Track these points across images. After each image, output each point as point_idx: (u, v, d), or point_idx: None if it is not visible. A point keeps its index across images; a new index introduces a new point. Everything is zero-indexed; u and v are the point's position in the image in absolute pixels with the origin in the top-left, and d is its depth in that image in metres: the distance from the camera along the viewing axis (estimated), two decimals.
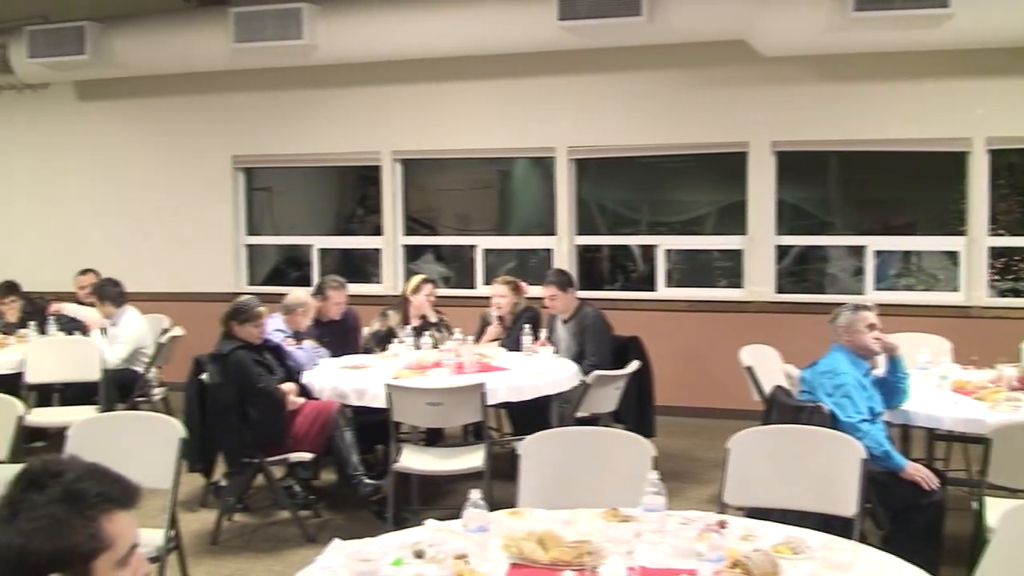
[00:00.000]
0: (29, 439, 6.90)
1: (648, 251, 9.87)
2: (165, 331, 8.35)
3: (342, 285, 7.78)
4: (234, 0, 10.00)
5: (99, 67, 10.33)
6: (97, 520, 1.86)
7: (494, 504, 3.22)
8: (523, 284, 7.83)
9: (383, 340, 7.54)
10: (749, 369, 6.25)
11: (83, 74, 10.68)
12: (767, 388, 5.83)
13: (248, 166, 10.85)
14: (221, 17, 9.63)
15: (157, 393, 8.14)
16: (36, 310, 8.64)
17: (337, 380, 6.45)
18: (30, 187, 11.48)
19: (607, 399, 6.51)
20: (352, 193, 11.79)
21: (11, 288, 8.78)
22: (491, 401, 6.00)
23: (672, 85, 9.30)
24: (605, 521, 3.39)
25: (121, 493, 1.92)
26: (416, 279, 7.92)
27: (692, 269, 9.81)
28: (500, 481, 5.57)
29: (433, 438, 7.20)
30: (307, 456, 6.27)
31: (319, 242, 10.77)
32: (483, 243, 10.25)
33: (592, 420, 6.38)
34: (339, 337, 7.63)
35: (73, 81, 11.05)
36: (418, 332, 7.40)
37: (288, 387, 6.33)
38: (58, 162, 11.33)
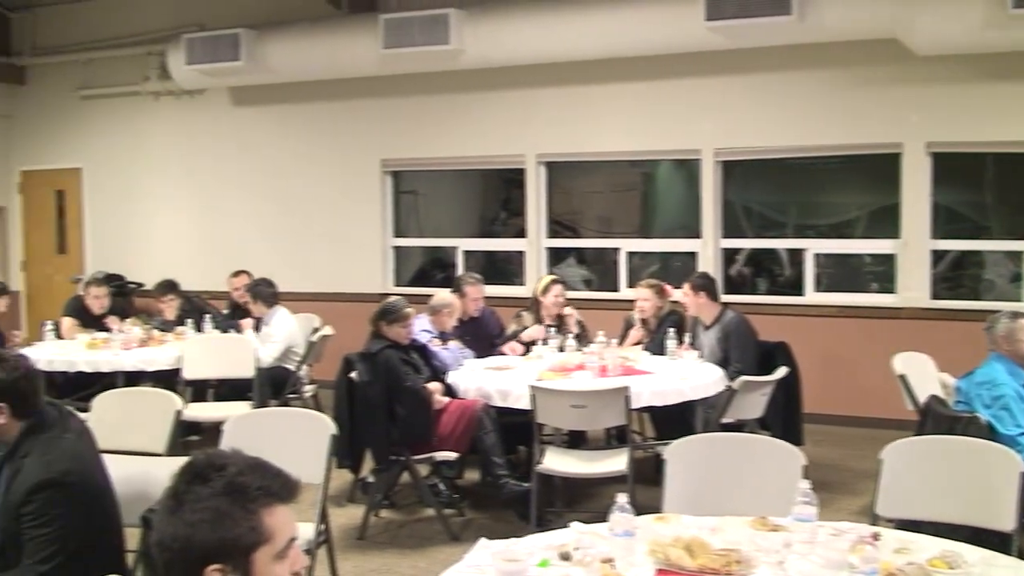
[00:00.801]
0: (185, 433, 7.13)
1: (796, 255, 9.66)
2: (316, 330, 8.56)
3: (479, 281, 7.85)
4: (383, 6, 10.21)
5: (253, 73, 10.65)
6: (258, 513, 1.91)
7: (637, 509, 3.20)
8: (668, 287, 7.75)
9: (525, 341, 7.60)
10: (902, 378, 6.06)
11: (237, 80, 11.03)
12: (921, 397, 5.64)
13: (396, 169, 11.03)
14: (371, 23, 9.83)
15: (308, 390, 8.36)
16: (193, 308, 8.95)
17: (481, 381, 6.50)
18: (187, 190, 11.92)
19: (754, 405, 6.39)
20: (495, 196, 11.87)
21: (170, 287, 9.11)
22: (634, 405, 5.96)
23: (822, 85, 9.08)
24: (754, 530, 3.33)
25: (281, 487, 1.97)
26: (545, 280, 7.94)
27: (842, 274, 9.56)
28: (642, 486, 5.54)
29: (575, 440, 7.18)
30: (452, 455, 6.34)
31: (464, 244, 10.88)
32: (626, 246, 10.20)
33: (737, 426, 6.27)
34: (480, 336, 7.70)
35: (228, 87, 11.42)
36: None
37: (434, 386, 6.41)
38: (213, 165, 11.72)
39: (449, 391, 6.51)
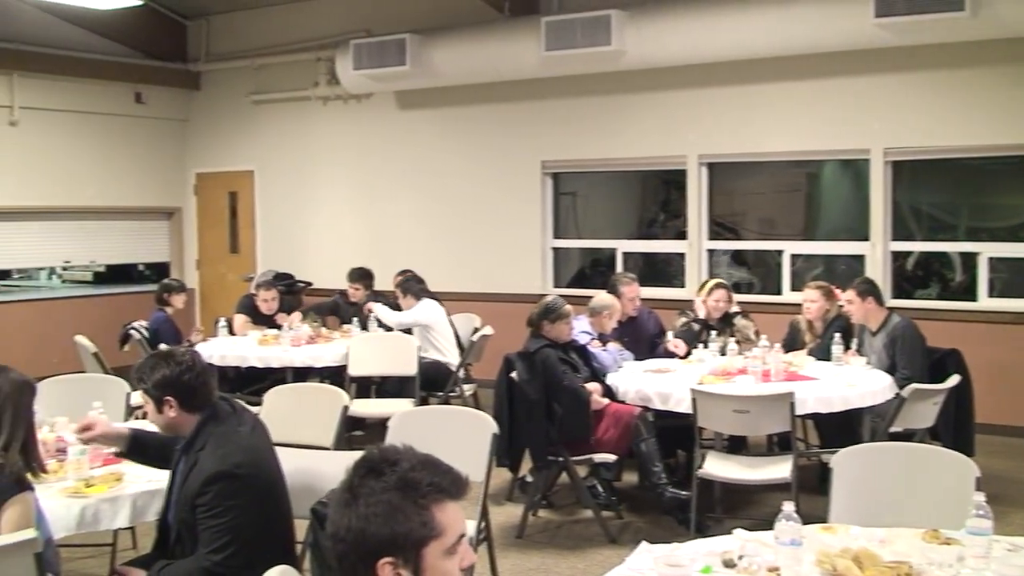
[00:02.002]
0: (349, 428, 7.31)
1: (968, 259, 9.29)
2: (476, 330, 8.67)
3: (633, 280, 7.81)
4: (545, 9, 10.26)
5: (418, 77, 10.84)
6: (429, 509, 1.95)
7: (801, 518, 3.13)
8: (836, 290, 7.53)
9: (692, 337, 7.51)
10: None
11: (403, 84, 11.25)
12: None
13: (556, 171, 11.06)
14: (532, 26, 9.89)
15: (468, 388, 8.46)
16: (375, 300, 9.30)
17: (641, 383, 6.46)
18: (353, 191, 12.22)
19: (924, 414, 6.18)
20: (654, 197, 11.79)
21: (364, 275, 9.45)
22: (799, 411, 5.83)
23: (996, 82, 8.70)
24: (925, 542, 3.22)
25: (451, 484, 2.00)
26: (709, 283, 7.84)
27: (1018, 279, 9.14)
28: (804, 494, 5.41)
29: (736, 446, 7.08)
30: (610, 457, 6.32)
31: (623, 246, 10.83)
32: (790, 248, 9.99)
33: (906, 436, 6.08)
34: (639, 337, 7.66)
35: (394, 91, 11.65)
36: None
37: (593, 387, 6.40)
38: (379, 167, 11.98)
39: (608, 393, 6.50)
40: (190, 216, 13.58)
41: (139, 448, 3.99)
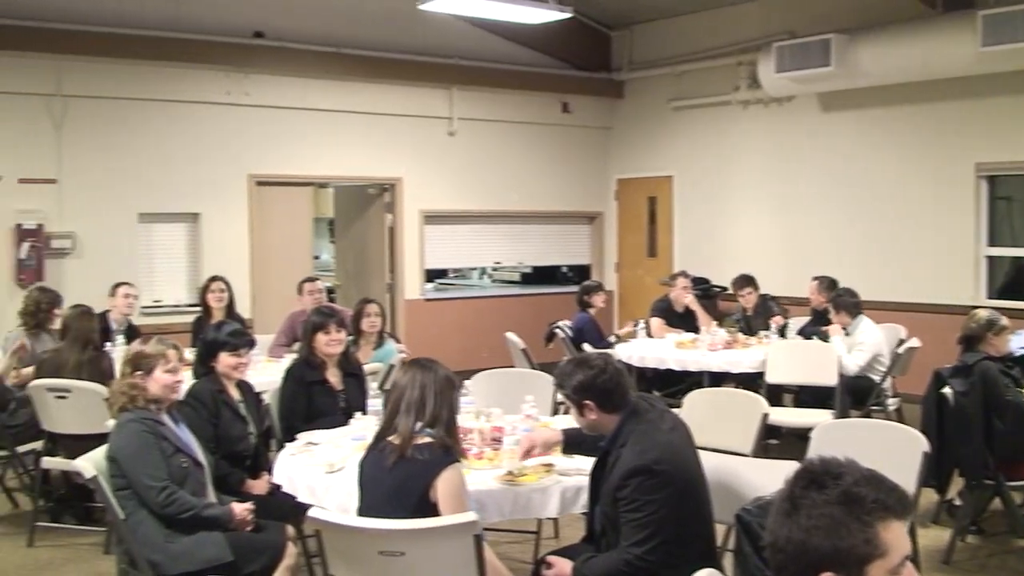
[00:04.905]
0: (764, 436, 7.23)
1: None
2: (901, 342, 8.29)
3: None
4: (981, 3, 9.61)
5: (843, 78, 10.53)
6: (874, 526, 1.88)
7: None
8: None
9: None
10: None
11: (827, 86, 10.96)
12: None
13: (991, 174, 10.33)
14: (968, 21, 9.30)
15: (892, 403, 8.09)
16: (764, 307, 9.22)
17: None
18: (771, 196, 12.07)
19: None
20: None
21: (747, 281, 9.37)
22: None
23: None
24: None
25: (897, 502, 1.93)
26: None
27: None
28: None
29: None
30: None
31: None
32: None
33: None
34: None
35: (816, 93, 11.38)
36: None
37: None
38: (799, 172, 11.76)
39: None
40: (611, 220, 14.00)
41: (574, 444, 4.21)
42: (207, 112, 10.85)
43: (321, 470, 4.38)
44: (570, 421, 4.16)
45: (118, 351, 6.82)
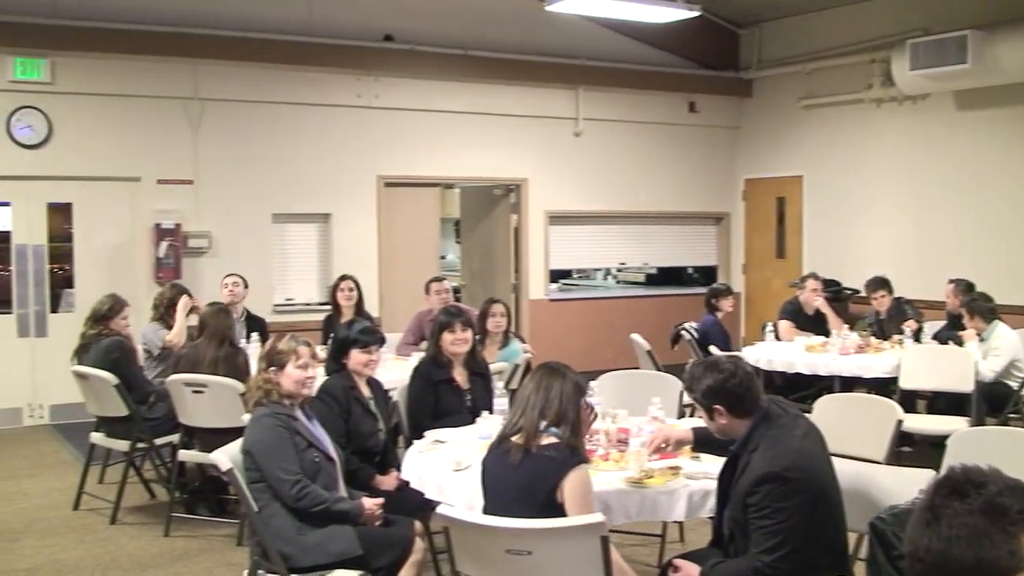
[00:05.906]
0: (897, 443, 7.05)
1: None
2: None
3: None
4: None
5: (979, 76, 10.22)
6: (1018, 537, 1.82)
7: None
8: None
9: None
10: None
11: (963, 83, 10.63)
12: None
13: None
14: None
15: None
16: (899, 309, 8.97)
17: None
18: (905, 196, 11.76)
19: None
20: None
21: (881, 283, 9.12)
22: None
23: None
24: None
25: None
26: None
27: None
28: None
29: None
30: None
31: None
32: None
33: None
34: None
35: (952, 91, 11.05)
36: None
37: None
38: (933, 171, 11.43)
39: None
40: (738, 221, 13.84)
41: (705, 443, 4.18)
42: (338, 115, 11.09)
43: (449, 467, 4.43)
44: (697, 422, 4.12)
45: (253, 348, 7.02)
